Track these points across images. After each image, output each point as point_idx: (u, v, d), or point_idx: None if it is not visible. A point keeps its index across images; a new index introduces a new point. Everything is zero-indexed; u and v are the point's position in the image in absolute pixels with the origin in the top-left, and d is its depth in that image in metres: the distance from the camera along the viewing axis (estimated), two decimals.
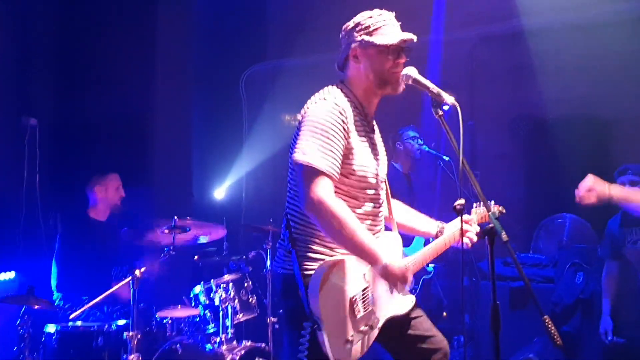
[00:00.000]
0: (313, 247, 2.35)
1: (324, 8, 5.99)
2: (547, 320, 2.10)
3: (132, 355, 3.33)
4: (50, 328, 3.69)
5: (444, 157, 4.94)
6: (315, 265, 2.30)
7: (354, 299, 2.31)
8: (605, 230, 4.45)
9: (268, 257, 4.36)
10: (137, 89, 5.66)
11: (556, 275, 5.04)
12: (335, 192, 2.32)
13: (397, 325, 2.51)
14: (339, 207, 2.25)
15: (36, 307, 3.49)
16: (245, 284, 4.15)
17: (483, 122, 6.01)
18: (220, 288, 3.93)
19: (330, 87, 2.47)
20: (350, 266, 2.34)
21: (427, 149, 4.95)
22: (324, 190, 2.25)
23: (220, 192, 6.78)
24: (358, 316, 2.31)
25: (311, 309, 2.22)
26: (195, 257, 4.79)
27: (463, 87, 5.97)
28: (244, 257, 4.38)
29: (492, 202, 2.74)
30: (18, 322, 3.48)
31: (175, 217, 3.78)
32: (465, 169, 2.19)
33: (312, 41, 5.98)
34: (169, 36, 6.00)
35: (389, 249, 2.52)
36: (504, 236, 2.14)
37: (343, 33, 2.50)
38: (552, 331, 2.09)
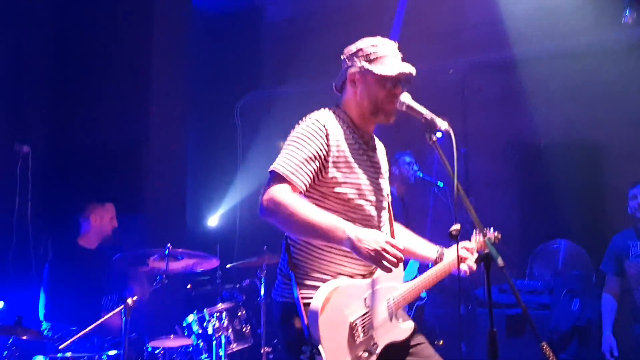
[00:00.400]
0: (313, 273, 2.33)
1: (318, 37, 6.07)
2: (544, 347, 2.08)
3: None
4: (39, 359, 3.62)
5: (439, 184, 4.96)
6: (314, 291, 2.28)
7: (354, 324, 2.29)
8: (609, 246, 4.44)
9: (262, 285, 4.33)
10: (132, 117, 5.67)
11: (552, 302, 5.03)
12: (323, 207, 2.31)
13: (399, 352, 2.47)
14: (287, 197, 2.18)
15: (24, 337, 3.43)
16: (239, 313, 4.10)
17: (476, 149, 6.05)
18: (213, 317, 3.88)
19: (323, 109, 2.48)
20: (350, 291, 2.32)
21: (421, 175, 4.97)
22: (275, 187, 2.20)
23: (214, 220, 6.75)
24: (357, 341, 2.29)
25: (311, 333, 2.20)
26: (189, 286, 4.74)
27: (456, 114, 6.02)
28: (238, 285, 4.34)
29: (491, 228, 2.74)
30: (5, 354, 3.41)
31: (169, 245, 3.75)
32: (460, 194, 2.19)
33: (306, 69, 6.04)
34: (164, 64, 6.03)
35: (387, 274, 2.44)
36: (500, 262, 2.13)
37: (344, 56, 2.52)
38: (551, 358, 2.07)
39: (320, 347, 2.17)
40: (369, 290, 2.38)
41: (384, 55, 2.44)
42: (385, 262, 2.16)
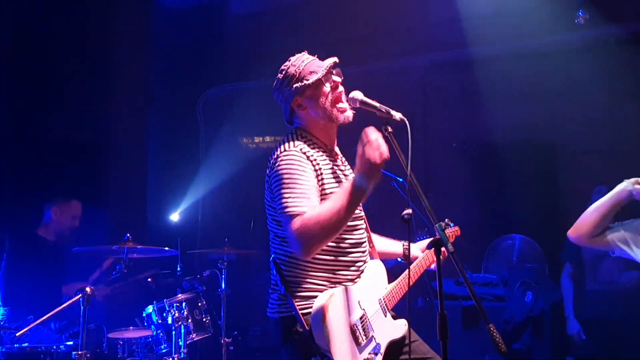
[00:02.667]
0: (306, 285, 2.37)
1: (282, 32, 6.09)
2: (491, 329, 2.16)
3: None
4: None
5: (398, 178, 5.04)
6: (311, 302, 2.32)
7: (354, 327, 2.35)
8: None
9: (223, 276, 4.35)
10: (93, 111, 5.62)
11: (507, 294, 5.17)
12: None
13: (397, 352, 2.52)
14: (309, 218, 2.23)
15: None
16: (199, 304, 4.11)
17: (436, 146, 6.16)
18: (173, 307, 3.89)
19: (287, 136, 2.51)
20: (345, 296, 2.38)
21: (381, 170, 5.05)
22: (300, 223, 2.24)
23: (175, 215, 6.73)
24: (362, 343, 2.34)
25: (317, 344, 2.24)
26: (149, 279, 4.72)
27: (416, 112, 6.12)
28: (198, 276, 4.34)
29: (446, 219, 2.84)
30: None
31: (128, 235, 3.74)
32: (413, 181, 2.26)
33: (270, 65, 6.04)
34: (126, 58, 5.99)
35: (376, 275, 2.56)
36: (450, 247, 2.21)
37: (276, 92, 2.56)
38: (497, 338, 2.14)
39: (328, 354, 2.22)
40: (361, 292, 2.44)
41: (304, 66, 2.49)
42: (382, 156, 2.23)
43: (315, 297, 2.33)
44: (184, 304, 3.96)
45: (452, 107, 6.27)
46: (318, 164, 2.41)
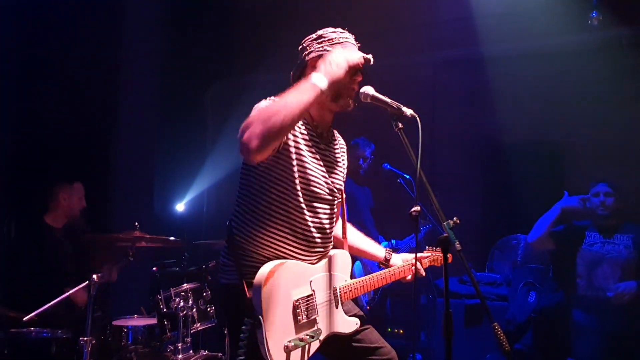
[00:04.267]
0: (256, 256, 2.33)
1: (290, 26, 6.09)
2: (496, 327, 2.17)
3: None
4: (1, 334, 3.60)
5: (405, 175, 5.06)
6: (257, 270, 2.28)
7: (297, 303, 2.32)
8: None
9: None
10: (101, 101, 5.64)
11: (510, 293, 5.18)
12: (273, 201, 2.33)
13: (341, 339, 2.51)
14: (259, 112, 2.16)
15: None
16: (204, 294, 4.14)
17: (443, 144, 6.16)
18: (178, 297, 3.91)
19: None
20: (297, 270, 2.36)
21: (388, 166, 5.07)
22: (248, 123, 2.15)
23: (181, 206, 6.75)
24: (300, 322, 2.32)
25: (254, 306, 2.21)
26: (154, 268, 4.75)
27: (425, 109, 6.12)
28: (204, 266, 4.37)
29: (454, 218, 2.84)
30: None
31: (136, 224, 3.76)
32: (422, 178, 2.27)
33: (278, 58, 6.05)
34: (134, 50, 6.00)
35: (338, 265, 2.54)
36: (458, 245, 2.21)
37: (304, 44, 2.52)
38: (501, 337, 2.15)
39: (260, 317, 2.18)
40: (317, 274, 2.42)
41: (345, 42, 2.48)
42: (356, 58, 2.28)
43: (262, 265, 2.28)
44: (189, 293, 3.98)
45: (461, 105, 6.27)
46: (294, 136, 2.35)
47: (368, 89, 2.47)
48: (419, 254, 2.82)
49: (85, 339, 3.27)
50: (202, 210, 6.88)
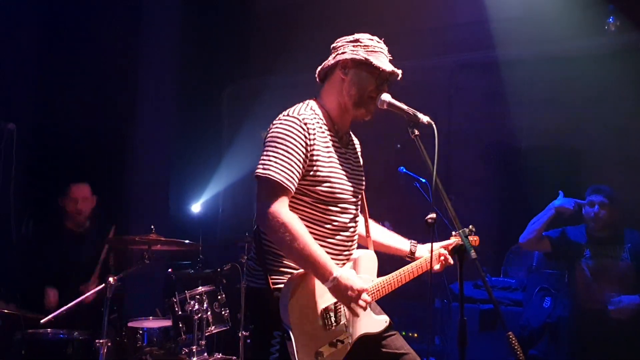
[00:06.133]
0: (284, 260, 2.35)
1: (307, 28, 6.10)
2: (510, 336, 2.16)
3: None
4: (19, 335, 3.65)
5: (421, 179, 5.04)
6: (285, 277, 2.31)
7: (325, 312, 2.33)
8: (565, 230, 4.44)
9: (244, 270, 4.39)
10: (119, 102, 5.68)
11: (525, 299, 5.14)
12: (299, 206, 2.36)
13: (369, 344, 2.51)
14: (291, 220, 2.25)
15: (5, 311, 3.46)
16: (219, 297, 4.16)
17: (459, 148, 6.13)
18: (193, 300, 3.94)
19: (299, 104, 2.50)
20: None
21: (404, 170, 5.05)
22: (277, 203, 2.26)
23: (197, 207, 6.79)
24: (330, 329, 2.33)
25: (281, 317, 2.22)
26: (169, 270, 4.78)
27: (441, 113, 6.09)
28: (219, 270, 4.39)
29: (469, 226, 2.83)
30: None
31: (152, 227, 3.79)
32: (438, 185, 2.27)
33: (295, 60, 6.07)
34: (152, 50, 6.05)
35: (364, 266, 2.54)
36: (473, 254, 2.21)
37: (338, 43, 2.54)
38: (516, 347, 2.15)
39: (289, 329, 2.19)
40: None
41: (380, 52, 2.49)
42: (353, 304, 2.27)
43: (290, 272, 2.31)
44: (204, 296, 4.00)
45: (477, 109, 6.23)
46: (316, 141, 2.37)
47: (385, 96, 2.48)
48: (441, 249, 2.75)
49: (101, 340, 3.30)
50: (218, 212, 6.91)
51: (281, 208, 2.26)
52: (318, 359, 2.26)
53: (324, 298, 2.34)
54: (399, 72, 2.50)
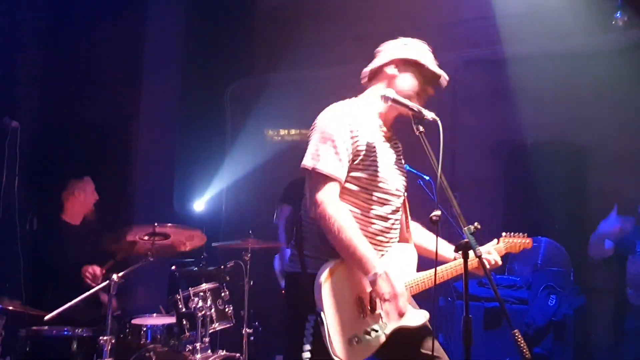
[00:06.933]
0: (322, 247, 2.37)
1: (310, 25, 6.09)
2: (516, 334, 2.14)
3: None
4: (23, 331, 3.64)
5: (425, 177, 5.01)
6: (320, 264, 2.34)
7: (360, 299, 2.34)
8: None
9: (247, 268, 4.39)
10: (123, 98, 5.68)
11: (530, 297, 5.11)
12: (347, 195, 2.40)
13: (408, 337, 2.47)
14: (340, 212, 2.31)
15: (10, 308, 3.45)
16: (223, 294, 4.15)
17: (464, 145, 6.10)
18: (197, 297, 3.93)
19: (352, 99, 2.57)
20: None
21: (408, 167, 5.02)
22: (329, 195, 2.33)
23: (200, 204, 6.78)
24: (364, 317, 2.33)
25: (316, 301, 2.25)
26: (173, 267, 4.77)
27: (445, 110, 6.06)
28: (222, 267, 4.38)
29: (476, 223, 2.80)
30: None
31: (156, 224, 3.78)
32: (442, 182, 2.25)
33: (298, 57, 6.05)
34: (156, 48, 6.04)
35: (404, 259, 2.55)
36: (478, 251, 2.19)
37: (385, 46, 2.62)
38: (521, 345, 2.13)
39: (322, 313, 2.21)
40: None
41: (429, 56, 2.61)
42: (387, 305, 2.32)
43: (326, 259, 2.34)
44: (207, 293, 3.99)
45: (482, 106, 6.20)
46: (359, 130, 2.42)
47: (389, 92, 2.47)
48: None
49: (105, 337, 3.30)
50: (221, 209, 6.90)
51: (332, 199, 2.33)
52: (352, 344, 2.26)
53: (361, 286, 2.35)
54: (446, 76, 2.59)
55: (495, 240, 2.87)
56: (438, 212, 2.21)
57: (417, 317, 2.52)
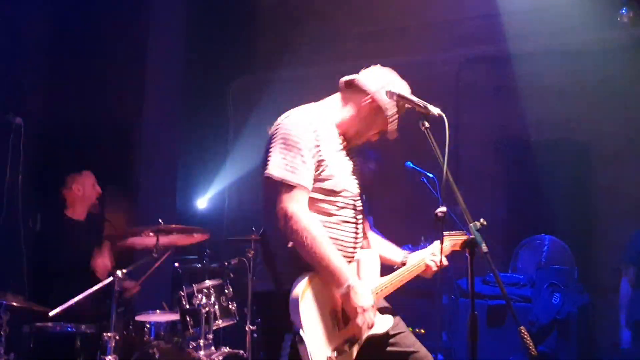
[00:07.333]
0: (292, 261, 2.31)
1: (313, 22, 6.08)
2: (522, 331, 2.13)
3: (110, 357, 3.30)
4: (27, 328, 3.64)
5: (428, 174, 5.00)
6: (293, 279, 2.27)
7: (334, 312, 2.31)
8: (631, 240, 4.46)
9: (251, 264, 4.38)
10: (126, 96, 5.68)
11: (533, 295, 5.10)
12: (312, 203, 2.34)
13: (379, 342, 2.48)
14: (312, 224, 2.26)
15: (14, 304, 3.45)
16: (226, 291, 4.14)
17: (467, 142, 6.09)
18: (200, 293, 3.92)
19: (309, 104, 2.51)
20: None
21: (411, 165, 5.02)
22: (299, 205, 2.26)
23: (203, 202, 6.78)
24: (339, 330, 2.30)
25: (293, 320, 2.19)
26: (176, 264, 4.77)
27: (449, 107, 6.04)
28: (226, 263, 4.37)
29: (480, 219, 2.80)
30: None
31: (160, 220, 3.78)
32: (448, 178, 2.24)
33: (300, 54, 6.05)
34: (159, 45, 6.04)
35: (368, 266, 2.53)
36: (484, 247, 2.18)
37: (379, 74, 2.54)
38: (528, 341, 2.12)
39: (302, 333, 2.16)
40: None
41: (402, 113, 2.53)
42: (359, 320, 2.27)
43: (298, 274, 2.28)
44: (211, 290, 3.98)
45: (486, 103, 6.19)
46: (319, 140, 2.36)
47: (395, 87, 2.46)
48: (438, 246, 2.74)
49: (109, 334, 3.30)
50: (224, 207, 6.90)
51: (303, 209, 2.27)
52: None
53: (334, 299, 2.32)
54: (395, 135, 2.55)
55: (438, 242, 2.84)
56: (443, 209, 2.20)
57: (383, 324, 2.50)
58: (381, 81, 2.51)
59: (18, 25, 5.15)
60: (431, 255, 2.70)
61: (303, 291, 2.22)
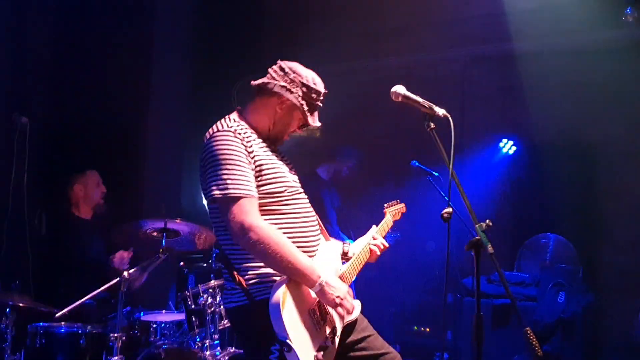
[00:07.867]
0: (259, 272, 2.31)
1: (317, 22, 6.07)
2: (528, 332, 2.14)
3: (116, 357, 3.32)
4: (33, 328, 3.66)
5: (434, 173, 4.99)
6: (267, 289, 2.26)
7: (312, 311, 2.32)
8: None
9: None
10: (132, 94, 5.68)
11: (538, 294, 5.11)
12: (261, 208, 2.33)
13: (350, 346, 2.50)
14: (269, 231, 2.25)
15: (20, 305, 3.47)
16: None
17: (473, 142, 6.08)
18: (206, 293, 3.92)
19: (225, 118, 2.53)
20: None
21: (417, 164, 5.01)
22: (250, 215, 2.25)
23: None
24: (320, 327, 2.32)
25: (276, 331, 2.17)
26: (182, 264, 4.77)
27: (454, 106, 6.03)
28: None
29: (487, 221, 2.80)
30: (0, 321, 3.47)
31: (166, 220, 3.78)
32: (455, 180, 2.24)
33: (305, 54, 6.02)
34: (164, 44, 6.04)
35: (330, 255, 2.55)
36: (490, 248, 2.19)
37: (289, 74, 2.56)
38: (533, 342, 2.12)
39: (289, 341, 2.14)
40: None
41: (318, 102, 2.57)
42: (341, 309, 2.34)
43: (269, 282, 2.27)
44: (217, 290, 3.98)
45: (490, 102, 6.18)
46: (251, 144, 2.38)
47: (399, 89, 2.46)
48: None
49: (115, 335, 3.31)
50: None
51: (257, 221, 2.25)
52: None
53: (309, 298, 2.33)
54: (319, 124, 2.57)
55: (374, 226, 2.87)
56: (449, 209, 2.21)
57: (357, 308, 2.55)
58: (286, 78, 2.54)
59: (22, 25, 5.16)
60: (372, 240, 2.74)
61: (283, 299, 2.20)
